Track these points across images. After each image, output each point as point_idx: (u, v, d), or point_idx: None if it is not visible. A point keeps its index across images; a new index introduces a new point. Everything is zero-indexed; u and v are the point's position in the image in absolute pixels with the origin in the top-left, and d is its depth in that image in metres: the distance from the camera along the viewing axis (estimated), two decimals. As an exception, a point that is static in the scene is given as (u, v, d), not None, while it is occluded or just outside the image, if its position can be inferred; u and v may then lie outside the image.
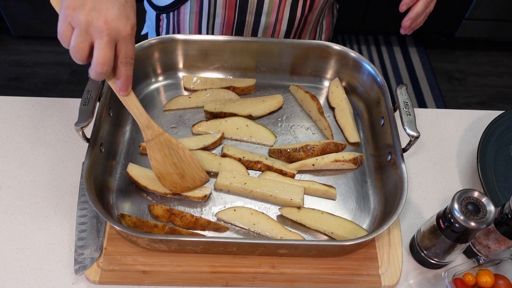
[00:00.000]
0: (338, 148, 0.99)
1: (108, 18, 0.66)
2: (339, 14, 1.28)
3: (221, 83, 1.08)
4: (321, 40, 1.22)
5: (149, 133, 0.84)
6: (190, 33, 1.13)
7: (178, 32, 1.15)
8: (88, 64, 0.70)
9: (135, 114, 0.82)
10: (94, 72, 0.70)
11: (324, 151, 0.98)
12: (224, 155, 0.97)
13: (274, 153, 0.98)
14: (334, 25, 1.27)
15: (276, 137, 1.01)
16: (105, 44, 0.67)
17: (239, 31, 1.10)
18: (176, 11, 1.11)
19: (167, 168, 0.87)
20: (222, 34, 1.13)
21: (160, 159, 0.86)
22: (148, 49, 1.02)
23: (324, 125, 1.02)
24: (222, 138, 0.99)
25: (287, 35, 1.12)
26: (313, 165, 0.96)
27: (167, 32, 1.18)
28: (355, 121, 1.05)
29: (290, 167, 0.96)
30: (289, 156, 0.97)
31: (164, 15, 1.15)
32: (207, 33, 1.14)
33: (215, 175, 0.95)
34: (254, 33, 1.10)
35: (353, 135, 1.02)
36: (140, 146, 0.98)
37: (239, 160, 0.96)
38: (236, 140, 1.01)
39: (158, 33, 1.21)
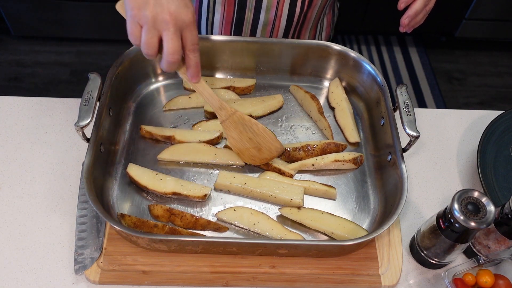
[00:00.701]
0: (338, 149, 0.99)
1: (171, 10, 0.71)
2: (340, 13, 1.28)
3: (221, 83, 1.08)
4: (321, 38, 1.22)
5: (222, 113, 0.89)
6: None
7: None
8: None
9: (207, 98, 0.87)
10: (166, 62, 0.76)
11: (324, 151, 0.98)
12: (226, 147, 0.98)
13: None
14: (335, 23, 1.27)
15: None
16: (172, 34, 0.72)
17: (238, 28, 1.10)
18: None
19: (244, 144, 0.92)
20: (222, 30, 1.13)
21: (237, 136, 0.91)
22: (148, 49, 1.02)
23: (324, 125, 1.02)
24: (220, 137, 0.99)
25: (286, 32, 1.11)
26: (313, 165, 0.96)
27: None
28: (355, 121, 1.05)
29: (289, 167, 0.96)
30: (289, 155, 0.98)
31: None
32: (206, 30, 1.14)
33: (212, 167, 0.95)
34: (253, 29, 1.10)
35: (353, 135, 1.02)
36: (140, 129, 0.99)
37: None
38: None
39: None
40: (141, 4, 0.71)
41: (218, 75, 1.11)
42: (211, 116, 1.03)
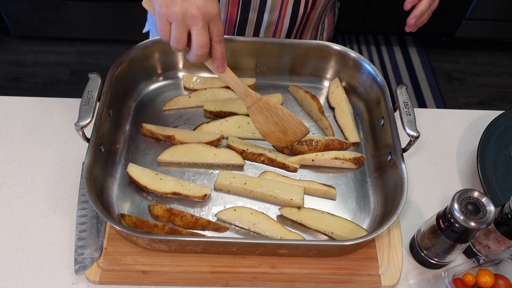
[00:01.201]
0: (342, 146, 0.99)
1: (198, 4, 0.73)
2: (340, 13, 1.28)
3: (220, 82, 1.08)
4: (322, 38, 1.22)
5: (248, 100, 0.91)
6: None
7: None
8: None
9: (233, 86, 0.89)
10: (194, 55, 0.78)
11: (327, 147, 0.98)
12: (228, 147, 0.98)
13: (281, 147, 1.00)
14: (335, 23, 1.27)
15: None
16: (201, 28, 0.75)
17: (242, 29, 1.10)
18: None
19: (269, 127, 0.94)
20: (225, 31, 1.13)
21: (262, 121, 0.93)
22: (148, 49, 1.02)
23: (326, 124, 1.03)
24: (220, 139, 0.99)
25: (289, 33, 1.11)
26: (313, 160, 0.96)
27: None
28: (355, 121, 1.05)
29: (289, 161, 0.97)
30: (292, 148, 0.98)
31: None
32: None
33: (212, 167, 0.95)
34: (257, 30, 1.10)
35: (353, 135, 1.02)
36: (142, 127, 0.99)
37: (243, 152, 0.97)
38: (239, 138, 1.01)
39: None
40: (169, 2, 0.73)
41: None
42: (211, 115, 1.04)
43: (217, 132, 1.00)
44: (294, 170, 0.97)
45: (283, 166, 0.97)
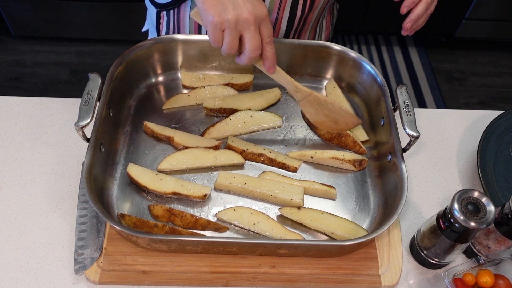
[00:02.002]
0: (354, 146, 0.99)
1: (249, 9, 0.75)
2: (339, 14, 1.28)
3: (219, 79, 1.08)
4: (320, 40, 1.22)
5: (298, 95, 0.93)
6: (190, 31, 1.13)
7: (178, 30, 1.15)
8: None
9: (284, 84, 0.91)
10: (247, 58, 0.80)
11: (340, 138, 1.00)
12: (228, 147, 0.98)
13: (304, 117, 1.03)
14: (334, 25, 1.27)
15: (281, 117, 1.04)
16: (253, 32, 0.77)
17: None
18: (176, 9, 1.11)
19: (320, 118, 0.96)
20: None
21: (313, 112, 0.96)
22: (148, 49, 1.02)
23: None
24: (219, 146, 0.99)
25: (286, 35, 1.12)
26: (312, 157, 0.97)
27: (167, 30, 1.18)
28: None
29: (290, 155, 0.98)
30: (307, 120, 1.02)
31: (165, 12, 1.15)
32: (207, 32, 1.14)
33: (212, 170, 0.95)
34: None
35: (361, 134, 1.02)
36: (144, 125, 1.00)
37: (243, 152, 0.97)
38: (246, 133, 1.02)
39: (158, 31, 1.21)
40: (221, 10, 0.75)
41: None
42: (211, 112, 1.04)
43: (227, 132, 1.01)
44: (294, 170, 0.97)
45: (283, 166, 0.97)
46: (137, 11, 2.38)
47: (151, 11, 1.20)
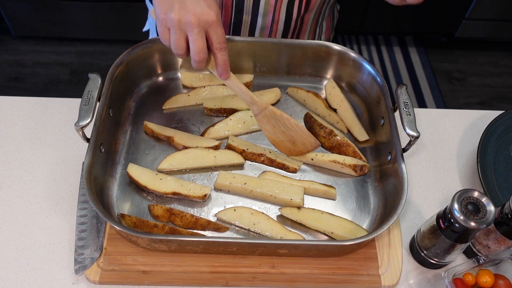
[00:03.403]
0: (355, 156, 0.98)
1: (195, 12, 0.76)
2: (340, 14, 1.28)
3: (219, 80, 1.08)
4: (310, 40, 1.22)
5: (254, 108, 0.91)
6: None
7: None
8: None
9: (238, 94, 0.90)
10: (193, 61, 0.81)
11: (339, 146, 0.98)
12: (228, 147, 0.98)
13: (308, 117, 1.02)
14: (334, 26, 1.27)
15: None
16: (196, 34, 0.77)
17: (236, 31, 1.10)
18: None
19: (278, 136, 0.94)
20: None
21: (270, 129, 0.94)
22: (148, 49, 1.02)
23: (336, 118, 1.03)
24: (219, 146, 0.99)
25: (284, 36, 1.12)
26: (312, 159, 0.97)
27: None
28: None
29: (292, 157, 0.97)
30: (312, 126, 1.00)
31: None
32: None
33: (212, 170, 0.95)
34: (251, 32, 1.10)
35: (362, 134, 1.02)
36: (144, 125, 1.00)
37: (243, 152, 0.97)
38: (246, 133, 1.02)
39: (157, 31, 1.21)
40: (167, 8, 0.77)
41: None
42: (211, 112, 1.04)
43: (227, 131, 1.01)
44: (294, 171, 0.97)
45: (283, 167, 0.97)
46: (137, 11, 2.38)
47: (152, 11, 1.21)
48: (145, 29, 1.29)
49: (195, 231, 0.88)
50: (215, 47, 0.81)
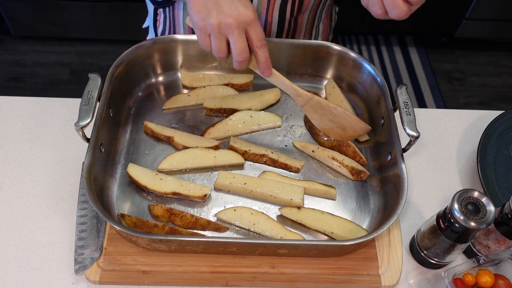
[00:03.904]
0: (355, 156, 0.98)
1: (233, 14, 0.77)
2: (339, 14, 1.28)
3: (219, 79, 1.08)
4: (308, 40, 1.22)
5: (300, 100, 0.91)
6: (184, 28, 1.14)
7: (174, 27, 1.16)
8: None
9: (283, 88, 0.90)
10: (236, 62, 0.82)
11: (339, 146, 0.98)
12: (230, 148, 0.98)
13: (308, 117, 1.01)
14: (333, 28, 1.26)
15: (281, 117, 1.04)
16: (237, 36, 0.78)
17: None
18: (171, 6, 1.12)
19: (327, 124, 0.94)
20: None
21: (318, 118, 0.94)
22: (148, 49, 1.02)
23: None
24: (219, 146, 0.99)
25: (278, 37, 1.12)
26: (313, 151, 0.98)
27: (164, 27, 1.19)
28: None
29: (295, 143, 0.99)
30: (312, 126, 1.01)
31: (161, 9, 1.16)
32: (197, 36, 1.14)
33: (212, 170, 0.95)
34: None
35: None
36: (144, 125, 1.00)
37: (245, 153, 0.97)
38: (246, 133, 1.02)
39: (155, 28, 1.22)
40: (205, 15, 0.77)
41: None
42: (211, 112, 1.04)
43: (227, 131, 1.01)
44: (297, 171, 0.97)
45: (285, 167, 0.97)
46: (137, 11, 2.38)
47: (150, 8, 1.21)
48: (145, 25, 1.30)
49: (195, 231, 0.88)
50: (255, 45, 0.81)
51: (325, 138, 1.00)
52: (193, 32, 1.14)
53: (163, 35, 1.21)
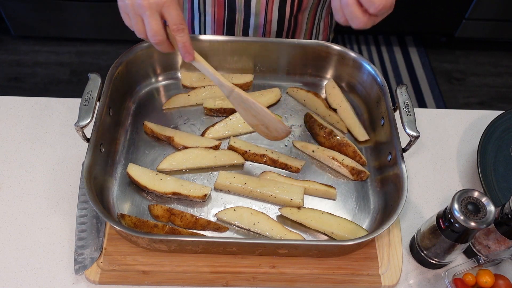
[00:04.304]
0: (355, 156, 0.98)
1: None
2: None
3: None
4: (307, 40, 1.22)
5: (224, 90, 0.88)
6: None
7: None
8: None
9: (207, 75, 0.87)
10: (153, 44, 0.81)
11: (339, 145, 0.98)
12: (230, 148, 0.98)
13: (308, 117, 1.02)
14: (333, 26, 1.26)
15: (281, 117, 1.04)
16: (149, 17, 0.77)
17: (230, 29, 1.10)
18: None
19: (251, 120, 0.90)
20: (214, 32, 1.13)
21: (243, 112, 0.90)
22: (148, 49, 1.02)
23: (336, 118, 1.03)
24: (219, 146, 0.99)
25: (278, 36, 1.12)
26: (313, 151, 0.98)
27: None
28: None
29: (295, 143, 0.99)
30: (312, 126, 1.00)
31: None
32: (199, 30, 1.15)
33: (212, 170, 0.95)
34: (245, 31, 1.10)
35: (362, 133, 1.02)
36: (144, 124, 1.00)
37: (245, 153, 0.97)
38: (246, 133, 1.02)
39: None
40: None
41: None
42: (211, 112, 1.04)
43: (227, 131, 1.01)
44: (297, 171, 0.97)
45: (285, 167, 0.97)
46: (137, 11, 2.38)
47: None
48: None
49: (195, 231, 0.88)
50: (172, 29, 0.79)
51: (325, 138, 1.00)
52: (193, 33, 1.14)
53: None
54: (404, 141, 0.91)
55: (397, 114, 0.93)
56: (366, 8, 0.73)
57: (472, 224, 0.74)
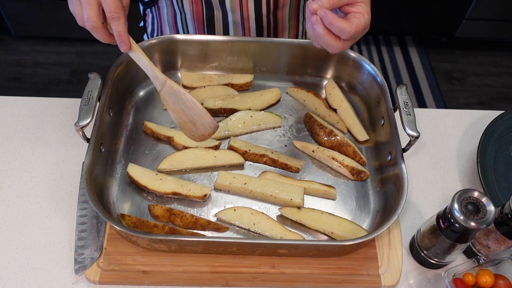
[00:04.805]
0: (355, 156, 0.98)
1: None
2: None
3: (219, 79, 1.08)
4: (305, 39, 1.21)
5: (157, 83, 0.83)
6: (169, 27, 1.15)
7: (161, 27, 1.16)
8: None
9: (142, 67, 0.83)
10: (89, 30, 0.82)
11: (339, 145, 0.98)
12: (230, 148, 0.98)
13: (308, 117, 1.02)
14: None
15: (281, 117, 1.04)
16: (85, 3, 0.77)
17: (211, 27, 1.10)
18: (156, 5, 1.12)
19: (180, 117, 0.85)
20: (195, 29, 1.13)
21: (174, 108, 0.84)
22: (147, 49, 1.02)
23: (336, 118, 1.03)
24: (219, 146, 0.99)
25: (259, 33, 1.11)
26: (313, 151, 0.98)
27: (152, 27, 1.20)
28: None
29: (294, 143, 0.99)
30: (312, 126, 1.00)
31: (149, 9, 1.17)
32: (182, 28, 1.15)
33: (212, 170, 0.95)
34: (225, 29, 1.10)
35: (362, 134, 1.02)
36: (144, 124, 1.00)
37: (245, 153, 0.97)
38: (246, 133, 1.02)
39: (145, 27, 1.23)
40: None
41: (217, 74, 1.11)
42: (211, 112, 1.03)
43: (227, 131, 1.01)
44: (297, 171, 0.97)
45: (285, 167, 0.97)
46: (137, 11, 2.38)
47: (140, 9, 1.22)
48: (142, 24, 1.30)
49: (195, 231, 0.88)
50: (107, 17, 0.78)
51: (325, 138, 1.00)
52: (177, 32, 1.14)
53: (152, 36, 1.22)
54: (404, 141, 0.91)
55: (397, 114, 0.93)
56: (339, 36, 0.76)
57: (472, 224, 0.74)
